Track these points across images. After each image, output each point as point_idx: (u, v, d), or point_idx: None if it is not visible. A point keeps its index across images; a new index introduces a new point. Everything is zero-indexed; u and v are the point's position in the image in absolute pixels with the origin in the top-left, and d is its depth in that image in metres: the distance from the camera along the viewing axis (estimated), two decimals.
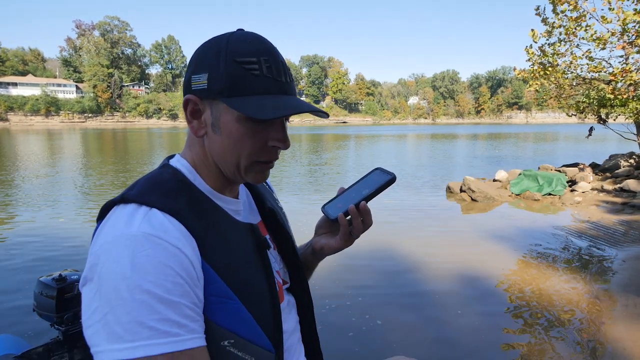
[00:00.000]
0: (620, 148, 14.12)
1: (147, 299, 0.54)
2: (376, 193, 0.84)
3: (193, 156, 0.75)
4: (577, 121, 12.32)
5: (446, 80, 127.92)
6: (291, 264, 0.88)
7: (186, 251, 0.60)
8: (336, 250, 0.89)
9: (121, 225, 0.60)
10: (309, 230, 0.95)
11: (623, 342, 3.01)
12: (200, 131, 0.71)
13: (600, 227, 6.29)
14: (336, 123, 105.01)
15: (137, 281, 0.55)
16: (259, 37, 0.70)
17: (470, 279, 4.29)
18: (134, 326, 0.54)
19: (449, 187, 9.38)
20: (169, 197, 0.66)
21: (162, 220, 0.62)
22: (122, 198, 0.65)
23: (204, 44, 0.71)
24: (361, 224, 0.83)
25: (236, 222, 0.73)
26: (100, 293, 0.56)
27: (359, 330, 3.20)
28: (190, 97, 0.69)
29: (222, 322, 0.64)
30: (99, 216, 0.68)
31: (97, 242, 0.62)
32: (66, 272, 1.65)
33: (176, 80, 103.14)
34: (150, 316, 0.54)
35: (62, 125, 77.18)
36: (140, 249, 0.57)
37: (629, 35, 8.82)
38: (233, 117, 0.68)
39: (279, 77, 0.69)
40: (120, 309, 0.54)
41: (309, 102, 0.73)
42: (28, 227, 6.43)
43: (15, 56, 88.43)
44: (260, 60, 0.67)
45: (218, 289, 0.64)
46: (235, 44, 0.67)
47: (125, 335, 0.53)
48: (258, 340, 0.68)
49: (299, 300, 0.88)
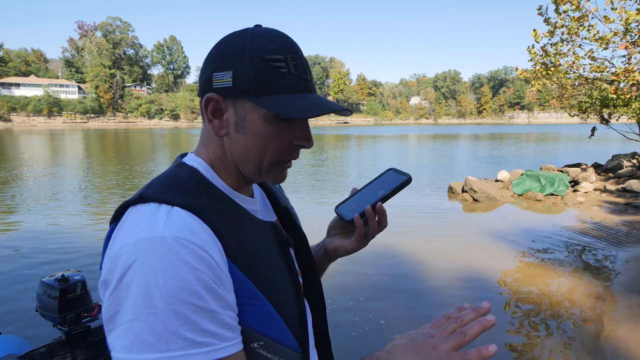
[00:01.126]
0: (623, 148, 14.08)
1: (182, 308, 0.53)
2: (392, 194, 0.83)
3: (210, 155, 0.72)
4: (580, 121, 12.30)
5: (448, 81, 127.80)
6: (305, 265, 0.86)
7: (213, 253, 0.58)
8: (350, 252, 0.87)
9: (145, 227, 0.57)
10: (309, 229, 0.95)
11: (626, 342, 3.00)
12: (222, 131, 0.69)
13: (602, 228, 6.27)
14: (338, 123, 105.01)
15: (171, 290, 0.53)
16: (282, 34, 0.69)
17: (471, 279, 4.28)
18: (168, 336, 0.52)
19: (451, 187, 9.36)
20: (190, 195, 0.63)
21: (187, 220, 0.59)
22: (139, 197, 0.62)
23: (224, 41, 0.69)
24: (377, 225, 0.82)
25: (258, 220, 0.71)
26: (125, 298, 0.54)
27: (362, 330, 3.20)
28: (212, 96, 0.67)
29: (252, 324, 0.63)
30: (114, 218, 0.65)
31: (117, 245, 0.58)
32: (69, 272, 1.65)
33: (178, 81, 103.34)
34: (184, 326, 0.53)
35: (64, 125, 77.40)
36: (169, 253, 0.54)
37: (632, 35, 8.80)
38: (260, 116, 0.66)
39: (305, 76, 0.68)
40: (153, 318, 0.52)
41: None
42: (30, 228, 6.45)
43: (18, 57, 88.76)
44: (287, 58, 0.66)
45: (247, 290, 0.62)
46: (260, 41, 0.66)
47: (158, 345, 0.52)
48: (286, 341, 0.66)
49: (312, 302, 0.86)
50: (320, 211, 7.53)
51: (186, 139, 37.35)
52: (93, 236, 6.00)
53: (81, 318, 1.58)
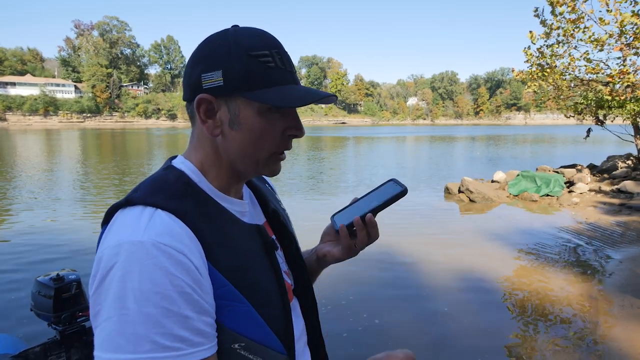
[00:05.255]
0: (618, 149, 14.15)
1: (153, 312, 0.54)
2: (385, 205, 0.83)
3: (200, 157, 0.73)
4: (576, 122, 12.35)
5: (445, 81, 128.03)
6: (295, 266, 0.87)
7: (193, 257, 0.59)
8: (338, 260, 0.88)
9: (127, 230, 0.59)
10: (298, 230, 0.95)
11: (619, 342, 3.02)
12: (216, 130, 0.70)
13: (597, 228, 6.31)
14: (335, 124, 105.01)
15: (145, 293, 0.54)
16: (263, 31, 0.71)
17: (467, 280, 4.30)
18: (136, 338, 0.53)
19: (447, 187, 9.39)
20: (175, 198, 0.65)
21: (169, 223, 0.61)
22: (126, 201, 0.64)
23: (205, 43, 0.70)
24: (366, 236, 0.82)
25: (243, 224, 0.73)
26: (105, 299, 0.56)
27: (355, 329, 3.21)
28: (204, 97, 0.68)
29: (232, 325, 0.64)
30: (104, 220, 0.67)
31: (102, 247, 0.61)
32: (64, 271, 1.65)
33: (175, 81, 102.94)
34: (154, 329, 0.54)
35: (60, 125, 76.98)
36: (146, 257, 0.56)
37: (627, 37, 8.85)
38: (254, 111, 0.68)
39: (290, 68, 0.71)
40: (124, 319, 0.54)
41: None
42: (24, 227, 6.42)
43: (14, 56, 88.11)
44: (272, 53, 0.68)
45: (227, 292, 0.63)
46: (244, 38, 0.68)
47: (126, 346, 0.53)
48: (269, 343, 0.68)
49: (303, 302, 0.88)
50: (312, 211, 7.54)
51: (183, 139, 37.24)
52: (88, 235, 5.97)
53: (76, 317, 1.58)
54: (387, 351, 1.11)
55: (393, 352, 1.10)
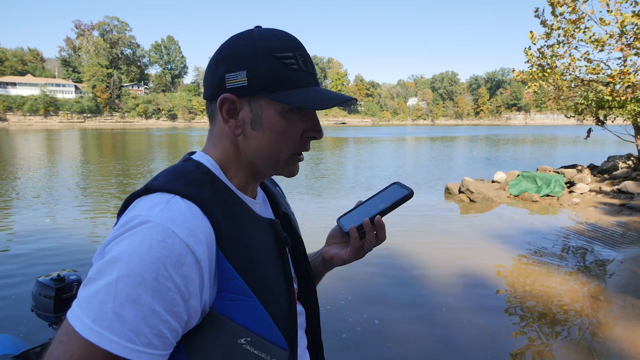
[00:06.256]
0: (619, 150, 14.15)
1: (126, 291, 0.54)
2: (392, 208, 0.84)
3: (219, 154, 0.74)
4: (576, 123, 12.35)
5: (445, 82, 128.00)
6: (301, 270, 0.87)
7: (197, 248, 0.59)
8: (346, 262, 0.89)
9: (144, 208, 0.61)
10: (302, 230, 0.95)
11: (620, 342, 3.02)
12: (238, 130, 0.70)
13: (598, 229, 6.31)
14: (335, 124, 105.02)
15: (127, 276, 0.55)
16: (285, 32, 0.72)
17: (467, 280, 4.30)
18: (98, 311, 0.54)
19: (448, 188, 9.39)
20: (194, 186, 0.65)
21: (184, 211, 0.61)
22: (146, 189, 0.65)
23: (229, 43, 0.71)
24: (374, 238, 0.83)
25: (258, 217, 0.72)
26: (103, 267, 0.57)
27: (355, 330, 3.21)
28: (227, 96, 0.69)
29: (239, 320, 0.63)
30: (121, 209, 0.67)
31: (117, 224, 0.62)
32: (64, 272, 1.65)
33: (175, 81, 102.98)
34: (119, 309, 0.54)
35: (60, 125, 77.01)
36: (148, 236, 0.57)
37: (627, 38, 8.86)
38: (277, 112, 0.69)
39: (312, 71, 0.73)
40: (99, 285, 0.55)
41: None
42: (25, 227, 6.42)
43: (14, 56, 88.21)
44: (296, 55, 0.69)
45: (235, 285, 0.63)
46: (268, 40, 0.69)
47: (89, 312, 0.54)
48: (274, 339, 0.67)
49: (306, 306, 0.87)
50: (311, 213, 7.54)
51: (183, 139, 37.26)
52: (89, 236, 5.98)
53: None
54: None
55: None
